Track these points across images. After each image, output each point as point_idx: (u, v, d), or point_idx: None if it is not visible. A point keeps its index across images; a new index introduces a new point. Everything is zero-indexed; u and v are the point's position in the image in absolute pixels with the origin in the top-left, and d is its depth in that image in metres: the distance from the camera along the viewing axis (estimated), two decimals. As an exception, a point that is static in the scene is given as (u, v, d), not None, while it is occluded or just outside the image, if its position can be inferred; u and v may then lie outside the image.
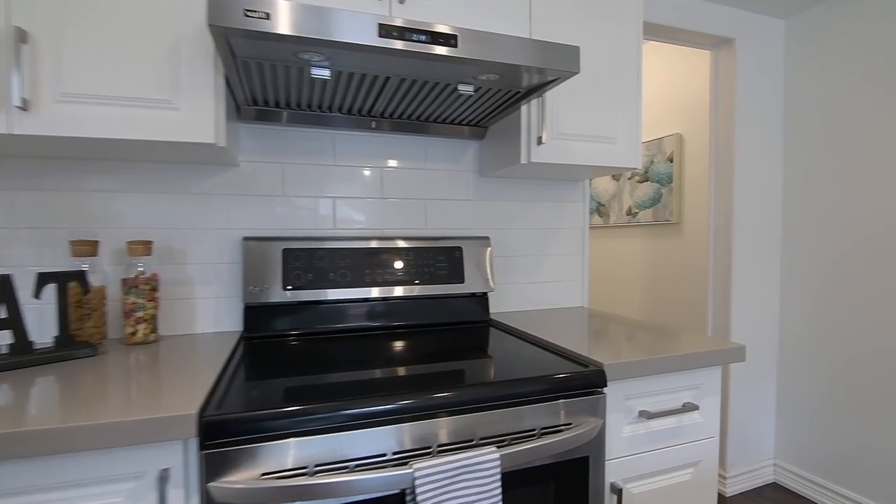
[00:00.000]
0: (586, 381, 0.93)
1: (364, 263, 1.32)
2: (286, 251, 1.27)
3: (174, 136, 0.98)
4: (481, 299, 1.46)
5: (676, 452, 1.07)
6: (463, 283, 1.42)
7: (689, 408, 1.06)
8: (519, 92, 1.14)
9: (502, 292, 1.60)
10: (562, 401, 0.90)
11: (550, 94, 1.26)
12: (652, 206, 2.90)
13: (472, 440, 0.83)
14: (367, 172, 1.43)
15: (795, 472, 2.07)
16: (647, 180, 2.94)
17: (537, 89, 1.11)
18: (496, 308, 1.60)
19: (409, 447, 0.78)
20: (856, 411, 1.86)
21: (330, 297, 1.27)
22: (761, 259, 2.11)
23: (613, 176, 3.21)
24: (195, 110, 1.00)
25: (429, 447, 0.80)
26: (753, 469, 2.12)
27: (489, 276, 1.46)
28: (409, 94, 1.15)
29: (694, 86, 2.61)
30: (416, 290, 1.36)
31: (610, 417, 0.99)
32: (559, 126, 1.28)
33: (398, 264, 1.36)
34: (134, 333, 1.14)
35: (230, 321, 1.32)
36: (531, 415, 0.87)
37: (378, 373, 0.92)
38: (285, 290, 1.25)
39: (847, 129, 1.88)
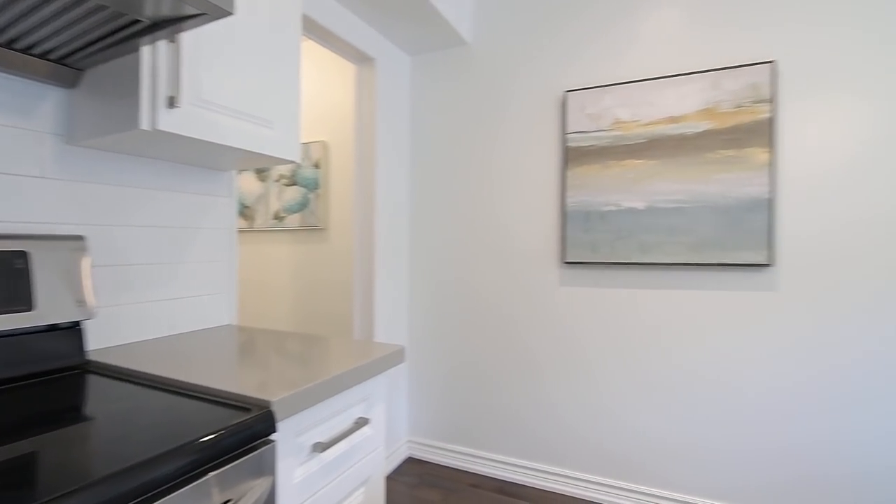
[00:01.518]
0: (251, 433, 0.69)
1: None
2: None
3: None
4: (70, 333, 0.95)
5: (350, 476, 0.97)
6: (31, 309, 0.88)
7: (360, 423, 0.98)
8: (139, 21, 0.77)
9: (113, 318, 1.11)
10: (214, 473, 0.63)
11: (191, 45, 0.93)
12: (300, 210, 2.84)
13: None
14: None
15: (425, 444, 2.42)
16: (294, 184, 2.85)
17: (168, 25, 0.78)
18: (102, 342, 1.09)
19: None
20: (468, 387, 2.33)
21: None
22: (396, 263, 2.37)
23: (259, 177, 2.97)
24: None
25: None
26: (393, 451, 2.34)
27: (84, 296, 0.96)
28: None
29: (339, 96, 2.71)
30: (-87, 331, 0.74)
31: (281, 466, 0.78)
32: (203, 91, 0.96)
33: None
34: None
35: None
36: (167, 511, 0.56)
37: None
38: None
39: (448, 159, 2.34)
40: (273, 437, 0.74)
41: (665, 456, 1.93)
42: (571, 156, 2.05)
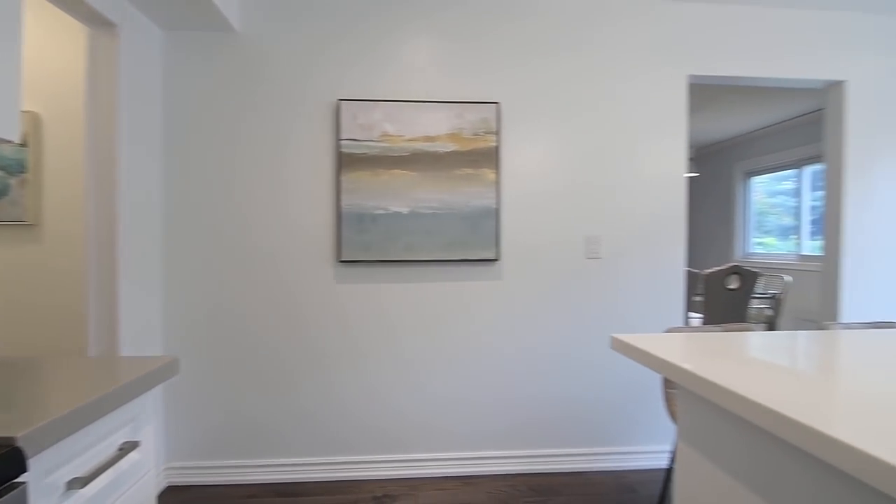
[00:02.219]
0: (-7, 476, 0.58)
1: None
2: None
3: None
4: None
5: (117, 508, 0.88)
6: None
7: (128, 448, 0.90)
8: None
9: None
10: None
11: None
12: (-9, 199, 2.15)
13: None
14: None
15: (188, 466, 2.18)
16: (-19, 164, 2.15)
17: None
18: None
19: None
20: (240, 395, 2.20)
21: None
22: (147, 267, 2.06)
23: (-88, 148, 2.11)
24: None
25: None
26: (147, 483, 2.04)
27: None
28: None
29: (61, 61, 2.16)
30: None
31: (30, 512, 0.67)
32: None
33: None
34: None
35: None
36: None
37: None
38: None
39: (214, 152, 2.18)
40: (23, 478, 0.63)
41: (428, 423, 2.27)
42: (345, 161, 2.18)
